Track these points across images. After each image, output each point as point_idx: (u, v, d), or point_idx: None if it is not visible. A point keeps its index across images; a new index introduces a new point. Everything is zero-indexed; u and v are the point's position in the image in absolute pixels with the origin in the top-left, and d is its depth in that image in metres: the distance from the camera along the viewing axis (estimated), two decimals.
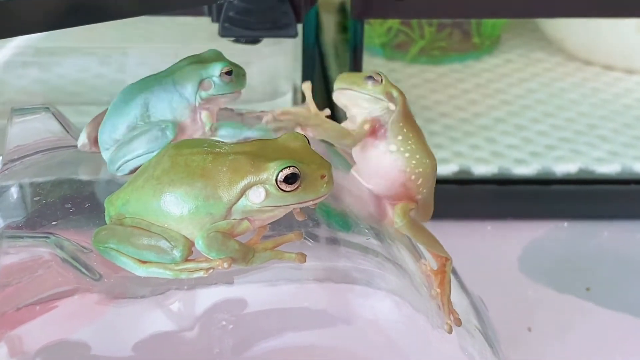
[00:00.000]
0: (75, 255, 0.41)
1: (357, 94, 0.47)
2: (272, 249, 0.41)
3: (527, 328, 0.59)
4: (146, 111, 0.46)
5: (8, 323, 0.39)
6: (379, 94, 0.47)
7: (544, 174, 0.71)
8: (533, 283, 0.63)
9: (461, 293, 0.50)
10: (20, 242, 0.41)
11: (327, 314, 0.45)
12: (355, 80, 0.48)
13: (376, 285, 0.46)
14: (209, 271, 0.40)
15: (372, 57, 0.87)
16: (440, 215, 0.68)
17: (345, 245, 0.47)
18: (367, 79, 0.47)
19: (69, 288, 0.40)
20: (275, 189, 0.39)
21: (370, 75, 0.47)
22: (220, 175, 0.40)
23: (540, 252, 0.67)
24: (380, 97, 0.47)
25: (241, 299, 0.43)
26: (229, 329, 0.41)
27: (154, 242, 0.40)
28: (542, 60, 0.89)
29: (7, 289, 0.40)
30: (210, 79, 0.46)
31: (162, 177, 0.40)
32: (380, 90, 0.47)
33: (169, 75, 0.47)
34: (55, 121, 0.51)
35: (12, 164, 0.49)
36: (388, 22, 0.85)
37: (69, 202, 0.45)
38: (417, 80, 0.85)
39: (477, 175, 0.70)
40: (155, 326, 0.41)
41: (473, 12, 0.69)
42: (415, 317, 0.45)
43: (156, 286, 0.41)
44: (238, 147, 0.41)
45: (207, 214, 0.40)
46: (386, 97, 0.47)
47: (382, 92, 0.47)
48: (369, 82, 0.47)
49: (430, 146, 0.72)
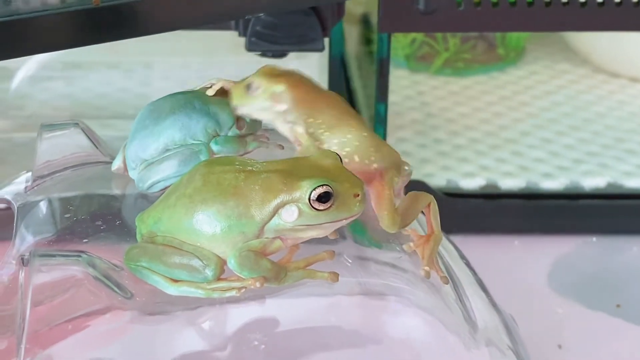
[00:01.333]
0: (107, 273, 0.41)
1: (247, 108, 0.45)
2: (304, 267, 0.41)
3: (558, 345, 0.58)
4: (178, 132, 0.46)
5: (40, 342, 0.39)
6: (264, 101, 0.45)
7: (572, 188, 0.70)
8: (562, 299, 0.63)
9: (492, 311, 0.49)
10: (53, 260, 0.41)
11: (358, 332, 0.45)
12: (240, 94, 0.46)
13: (407, 302, 0.46)
14: (241, 290, 0.40)
15: (396, 68, 0.87)
16: (467, 230, 0.68)
17: (375, 262, 0.46)
18: (246, 87, 0.45)
19: (100, 307, 0.40)
20: (308, 208, 0.39)
21: (249, 83, 0.45)
22: (253, 194, 0.40)
23: (569, 267, 0.66)
24: (267, 105, 0.45)
25: (273, 317, 0.43)
26: (260, 348, 0.41)
27: (185, 261, 0.40)
28: (568, 72, 0.89)
29: (40, 308, 0.40)
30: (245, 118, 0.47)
31: (194, 195, 0.40)
32: (263, 96, 0.45)
33: (201, 100, 0.47)
34: (84, 136, 0.51)
35: (42, 179, 0.49)
36: (412, 34, 0.85)
37: (100, 219, 0.45)
38: (442, 92, 0.85)
39: (504, 190, 0.70)
40: (186, 345, 0.41)
41: (500, 26, 0.68)
42: (447, 336, 0.45)
43: (187, 304, 0.41)
44: (270, 165, 0.41)
45: (239, 232, 0.39)
46: (272, 100, 0.45)
47: (266, 97, 0.45)
48: (249, 91, 0.45)
49: (456, 160, 0.73)
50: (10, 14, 0.49)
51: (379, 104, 0.68)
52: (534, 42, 0.93)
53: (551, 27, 0.71)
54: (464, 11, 0.63)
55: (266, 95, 0.45)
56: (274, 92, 0.45)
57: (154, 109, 0.47)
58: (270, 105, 0.45)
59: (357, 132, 0.45)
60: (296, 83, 0.45)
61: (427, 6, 0.62)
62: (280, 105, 0.45)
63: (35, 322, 0.39)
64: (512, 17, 0.64)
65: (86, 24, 0.51)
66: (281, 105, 0.45)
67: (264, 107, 0.45)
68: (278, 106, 0.45)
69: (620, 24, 0.66)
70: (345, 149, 0.44)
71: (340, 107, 0.46)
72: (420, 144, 0.75)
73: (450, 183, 0.70)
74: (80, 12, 0.50)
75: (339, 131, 0.45)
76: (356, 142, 0.45)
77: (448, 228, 0.56)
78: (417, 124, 0.79)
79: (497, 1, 0.63)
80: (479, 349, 0.45)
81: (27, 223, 0.46)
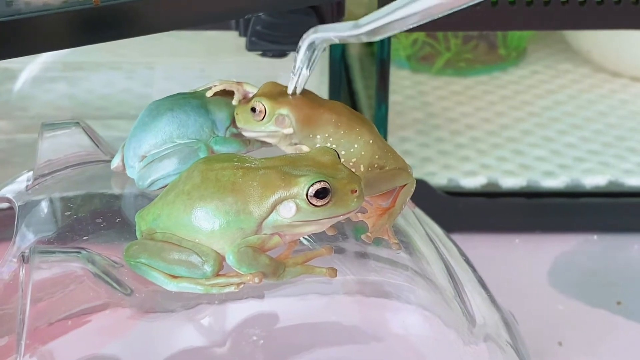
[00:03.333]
0: (106, 270, 0.41)
1: (255, 134, 0.46)
2: (303, 263, 0.41)
3: (558, 342, 0.58)
4: (176, 129, 0.46)
5: (40, 338, 0.39)
6: (270, 126, 0.45)
7: (572, 187, 0.70)
8: (563, 297, 0.63)
9: (491, 307, 0.50)
10: (53, 257, 0.41)
11: (357, 328, 0.45)
12: (246, 118, 0.46)
13: (406, 299, 0.46)
14: (240, 286, 0.40)
15: (398, 69, 0.87)
16: (468, 228, 0.68)
17: (374, 259, 0.46)
18: (252, 111, 0.45)
19: (100, 303, 0.41)
20: (306, 204, 0.39)
21: (253, 107, 0.45)
22: (251, 190, 0.40)
23: (570, 265, 0.66)
24: (273, 130, 0.45)
25: (272, 313, 0.43)
26: (259, 344, 0.41)
27: (185, 257, 0.40)
28: (569, 72, 0.89)
29: (40, 304, 0.40)
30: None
31: (192, 192, 0.40)
32: (270, 122, 0.45)
33: (199, 99, 0.47)
34: (85, 136, 0.51)
35: (43, 178, 0.49)
36: (413, 34, 0.85)
37: (100, 217, 0.46)
38: (443, 93, 0.85)
39: (505, 188, 0.70)
40: (186, 341, 0.41)
41: (500, 25, 0.68)
42: (446, 333, 0.45)
43: (187, 300, 0.41)
44: (268, 161, 0.41)
45: (238, 228, 0.40)
46: (278, 125, 0.45)
47: (272, 121, 0.45)
48: (254, 115, 0.45)
49: (457, 159, 0.73)
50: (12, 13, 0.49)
51: (380, 104, 0.68)
52: (536, 42, 0.93)
53: (550, 26, 0.71)
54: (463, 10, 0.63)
55: (271, 120, 0.45)
56: (278, 116, 0.45)
57: (153, 108, 0.48)
58: (276, 130, 0.45)
59: (364, 140, 0.45)
60: (298, 102, 0.45)
61: None
62: (286, 130, 0.45)
63: (35, 319, 0.39)
64: (512, 16, 0.64)
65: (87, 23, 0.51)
66: (287, 130, 0.45)
67: (270, 132, 0.45)
68: (283, 130, 0.45)
69: (619, 23, 0.66)
70: (352, 159, 0.45)
71: (345, 117, 0.46)
72: (421, 143, 0.76)
73: (452, 182, 0.70)
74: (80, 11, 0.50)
75: (347, 142, 0.45)
76: (362, 151, 0.45)
77: (449, 226, 0.56)
78: (418, 124, 0.79)
79: (497, 0, 0.63)
80: (478, 345, 0.45)
81: (28, 221, 0.47)
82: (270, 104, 0.45)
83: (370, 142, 0.45)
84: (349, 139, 0.45)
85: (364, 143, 0.45)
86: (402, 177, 0.45)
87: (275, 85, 0.46)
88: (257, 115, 0.45)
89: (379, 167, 0.45)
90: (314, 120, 0.45)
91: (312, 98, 0.46)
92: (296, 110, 0.45)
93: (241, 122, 0.46)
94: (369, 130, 0.46)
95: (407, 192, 0.45)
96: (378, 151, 0.45)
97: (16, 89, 0.77)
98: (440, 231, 0.53)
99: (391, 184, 0.45)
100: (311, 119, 0.45)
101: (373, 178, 0.44)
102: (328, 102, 0.47)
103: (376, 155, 0.45)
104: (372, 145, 0.45)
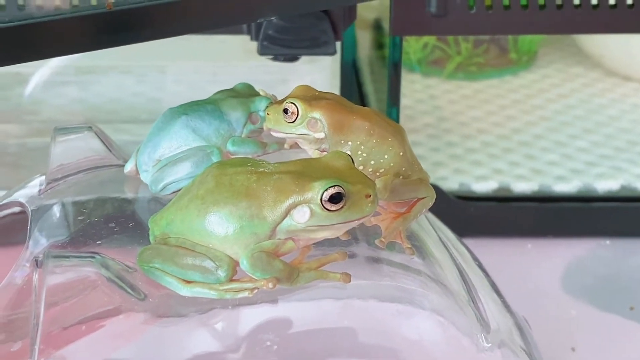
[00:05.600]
0: (120, 274, 0.41)
1: (285, 135, 0.45)
2: (317, 268, 0.41)
3: (571, 348, 0.58)
4: (191, 132, 0.46)
5: (54, 343, 0.39)
6: (302, 129, 0.44)
7: (585, 191, 0.70)
8: (576, 302, 0.63)
9: (505, 313, 0.49)
10: (66, 261, 0.41)
11: (370, 334, 0.45)
12: (277, 119, 0.44)
13: (419, 304, 0.46)
14: (254, 291, 0.40)
15: (409, 73, 0.87)
16: (480, 233, 0.68)
17: (387, 264, 0.46)
18: (284, 112, 0.44)
19: (114, 307, 0.40)
20: (320, 209, 0.39)
21: (286, 108, 0.44)
22: (265, 195, 0.40)
23: (583, 270, 0.66)
24: (304, 133, 0.44)
25: (285, 318, 0.43)
26: (273, 349, 0.41)
27: (198, 262, 0.40)
28: (580, 76, 0.88)
29: (54, 309, 0.40)
30: (257, 112, 0.47)
31: (206, 196, 0.40)
32: (301, 124, 0.44)
33: (213, 103, 0.47)
34: (97, 140, 0.51)
35: (56, 182, 0.49)
36: (424, 38, 0.85)
37: (113, 221, 0.45)
38: (454, 97, 0.85)
39: (517, 193, 0.70)
40: (199, 346, 0.41)
41: (512, 29, 0.68)
42: (460, 338, 0.45)
43: (200, 305, 0.41)
44: (282, 166, 0.41)
45: (251, 233, 0.40)
46: (309, 128, 0.44)
47: (304, 124, 0.44)
48: (286, 116, 0.44)
49: (469, 163, 0.73)
50: (24, 18, 0.49)
51: (391, 108, 0.68)
52: (547, 46, 0.93)
53: (563, 30, 0.71)
54: (475, 14, 0.63)
55: (303, 122, 0.44)
56: (311, 119, 0.44)
57: (168, 114, 0.48)
58: (307, 134, 0.44)
59: (395, 151, 0.44)
60: (331, 106, 0.44)
61: (439, 9, 0.62)
62: (317, 134, 0.44)
63: (49, 323, 0.39)
64: (524, 20, 0.64)
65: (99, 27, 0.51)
66: (318, 134, 0.44)
67: (300, 134, 0.44)
68: (315, 134, 0.44)
69: (632, 27, 0.66)
70: (380, 169, 0.44)
71: (377, 125, 0.45)
72: (433, 148, 0.75)
73: (463, 186, 0.70)
74: (93, 16, 0.50)
75: (378, 152, 0.44)
76: (392, 162, 0.44)
77: (461, 231, 0.56)
78: (429, 128, 0.79)
79: (509, 4, 0.63)
80: (492, 351, 0.45)
81: (41, 226, 0.46)
82: (303, 106, 0.44)
83: (400, 154, 0.44)
84: (380, 149, 0.44)
85: (395, 154, 0.44)
86: (424, 190, 0.45)
87: (309, 89, 0.46)
88: (289, 117, 0.44)
89: (404, 178, 0.45)
90: (346, 127, 0.44)
91: (345, 103, 0.45)
92: (329, 115, 0.44)
93: (272, 122, 0.45)
94: (401, 141, 0.45)
95: (425, 204, 0.45)
96: (406, 163, 0.45)
97: (27, 93, 0.77)
98: (452, 236, 0.53)
99: (413, 193, 0.44)
100: (344, 125, 0.44)
101: (398, 185, 0.44)
102: (361, 108, 0.46)
103: (403, 168, 0.45)
104: (402, 158, 0.44)
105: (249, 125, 0.47)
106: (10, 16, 0.49)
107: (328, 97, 0.45)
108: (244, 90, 0.49)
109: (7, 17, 0.48)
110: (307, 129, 0.44)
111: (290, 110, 0.44)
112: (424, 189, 0.45)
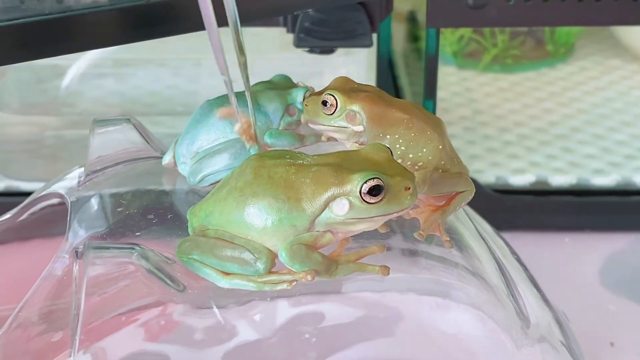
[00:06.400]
0: (159, 266, 0.41)
1: (323, 127, 0.44)
2: (355, 261, 0.41)
3: (610, 343, 0.57)
4: (228, 124, 0.46)
5: (94, 334, 0.40)
6: (340, 121, 0.44)
7: (623, 185, 0.69)
8: (614, 296, 0.62)
9: (544, 307, 0.49)
10: (107, 253, 0.41)
11: (408, 326, 0.45)
12: (316, 110, 0.44)
13: (457, 297, 0.45)
14: (293, 283, 0.39)
15: (444, 65, 0.86)
16: (517, 227, 0.68)
17: (426, 257, 0.46)
18: (323, 104, 0.44)
19: (153, 299, 0.41)
20: (359, 201, 0.39)
21: (325, 100, 0.44)
22: (304, 187, 0.40)
23: (621, 264, 0.65)
24: (343, 125, 0.44)
25: (324, 310, 0.43)
26: (312, 341, 0.41)
27: (237, 254, 0.40)
28: (618, 68, 0.87)
29: (94, 300, 0.40)
30: (294, 104, 0.47)
31: (245, 189, 0.40)
32: (340, 117, 0.44)
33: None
34: (136, 132, 0.51)
35: (94, 174, 0.50)
36: (460, 30, 0.85)
37: (151, 213, 0.46)
38: (490, 89, 0.84)
39: (555, 186, 0.69)
40: (238, 337, 0.41)
41: (550, 20, 0.67)
42: (498, 332, 0.44)
43: (239, 297, 0.41)
44: (321, 158, 0.41)
45: (290, 226, 0.39)
46: (348, 121, 0.44)
47: (343, 116, 0.44)
48: (324, 108, 0.44)
49: (505, 156, 0.72)
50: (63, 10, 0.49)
51: (427, 101, 0.68)
52: (584, 38, 0.92)
53: (602, 22, 0.70)
54: (514, 5, 0.62)
55: (342, 115, 0.44)
56: (349, 112, 0.44)
57: (206, 106, 0.48)
58: (346, 126, 0.44)
59: (433, 145, 0.44)
60: (370, 99, 0.44)
61: (477, 1, 0.62)
62: (356, 127, 0.44)
63: (89, 314, 0.40)
64: (563, 12, 0.63)
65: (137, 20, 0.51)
66: (357, 127, 0.44)
67: (339, 127, 0.44)
68: (354, 127, 0.44)
69: None
70: (418, 163, 0.44)
71: (417, 118, 0.44)
72: (469, 141, 0.75)
73: (500, 180, 0.70)
74: (131, 8, 0.51)
75: (417, 145, 0.44)
76: (430, 156, 0.44)
77: (498, 224, 0.56)
78: (465, 121, 0.78)
79: None
80: (532, 346, 0.44)
81: (80, 217, 0.47)
82: (342, 98, 0.44)
83: (439, 148, 0.44)
84: (419, 142, 0.44)
85: (433, 148, 0.44)
86: (464, 183, 0.44)
87: (347, 81, 0.45)
88: (327, 109, 0.44)
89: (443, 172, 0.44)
90: (385, 120, 0.44)
91: (384, 96, 0.45)
92: (368, 107, 0.44)
93: (310, 114, 0.44)
94: (440, 134, 0.45)
95: (464, 198, 0.45)
96: (445, 157, 0.44)
97: (64, 86, 0.77)
98: (490, 229, 0.53)
99: (453, 187, 0.44)
100: (382, 118, 0.44)
101: (437, 178, 0.43)
102: (400, 101, 0.46)
103: (442, 161, 0.44)
104: (441, 151, 0.44)
105: (287, 118, 0.47)
106: (50, 9, 0.49)
107: (367, 89, 0.45)
108: (282, 82, 0.49)
109: (46, 9, 0.49)
110: (346, 121, 0.44)
111: (329, 102, 0.44)
112: (464, 183, 0.44)
